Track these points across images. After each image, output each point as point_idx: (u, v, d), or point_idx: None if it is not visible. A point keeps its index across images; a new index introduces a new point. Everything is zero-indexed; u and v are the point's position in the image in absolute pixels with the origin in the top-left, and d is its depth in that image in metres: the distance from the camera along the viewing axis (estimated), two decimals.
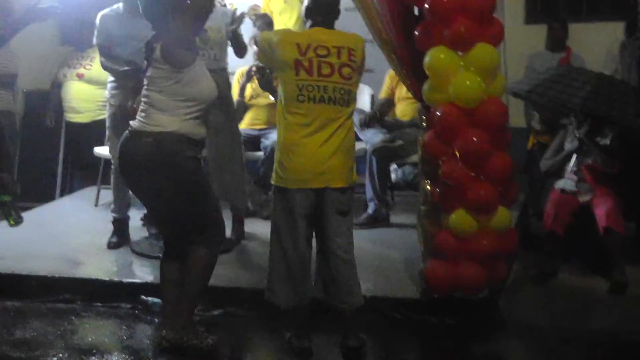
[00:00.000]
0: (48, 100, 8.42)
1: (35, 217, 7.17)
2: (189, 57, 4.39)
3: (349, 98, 4.41)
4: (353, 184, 4.57)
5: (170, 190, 4.42)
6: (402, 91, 6.81)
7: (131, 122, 4.50)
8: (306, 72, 4.35)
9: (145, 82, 4.47)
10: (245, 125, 7.19)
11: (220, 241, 4.69)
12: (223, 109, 5.91)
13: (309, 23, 4.55)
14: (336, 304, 4.53)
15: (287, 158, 4.40)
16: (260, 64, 4.87)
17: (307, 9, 4.56)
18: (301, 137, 4.37)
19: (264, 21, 6.89)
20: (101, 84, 6.98)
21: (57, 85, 7.98)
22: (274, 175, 4.52)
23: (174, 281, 4.61)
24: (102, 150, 6.93)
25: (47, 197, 8.05)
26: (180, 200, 4.45)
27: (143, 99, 4.47)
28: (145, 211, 6.15)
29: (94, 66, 7.52)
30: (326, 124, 4.37)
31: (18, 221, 4.37)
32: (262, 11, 7.88)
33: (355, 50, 4.44)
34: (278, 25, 7.16)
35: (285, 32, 4.56)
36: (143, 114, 4.44)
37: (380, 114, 6.85)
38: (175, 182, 4.41)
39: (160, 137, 4.36)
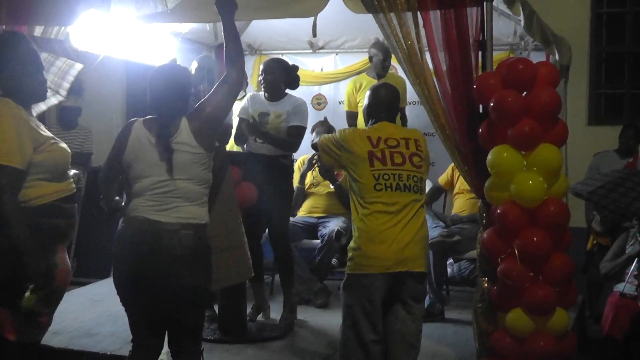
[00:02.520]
0: None
1: (91, 293, 7.24)
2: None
3: (421, 185, 4.61)
4: (428, 272, 4.71)
5: (196, 287, 4.08)
6: (461, 185, 6.82)
7: (144, 214, 4.02)
8: (380, 162, 4.52)
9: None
10: (303, 212, 7.25)
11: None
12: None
13: (371, 122, 4.76)
14: None
15: (369, 245, 4.48)
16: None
17: (369, 107, 4.78)
18: (382, 224, 4.48)
19: (324, 127, 6.86)
20: None
21: None
22: (350, 264, 4.56)
23: None
24: None
25: (103, 274, 8.11)
26: (198, 299, 4.15)
27: (161, 189, 4.02)
28: None
29: None
30: (404, 210, 4.52)
31: (27, 306, 4.13)
32: (346, 100, 7.96)
33: (420, 142, 4.69)
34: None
35: (353, 129, 4.83)
36: (165, 207, 4.00)
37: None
38: (205, 278, 4.14)
39: (199, 230, 4.04)
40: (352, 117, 7.74)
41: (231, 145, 7.10)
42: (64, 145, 4.30)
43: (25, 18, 5.22)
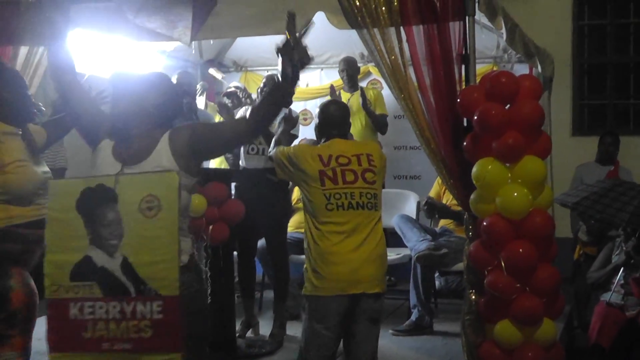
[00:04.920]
0: None
1: None
2: None
3: (376, 202, 4.52)
4: (385, 291, 4.62)
5: None
6: (448, 198, 6.84)
7: None
8: (331, 181, 4.44)
9: None
10: (291, 228, 7.23)
11: None
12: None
13: (323, 140, 4.70)
14: None
15: (322, 266, 4.40)
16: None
17: (319, 125, 4.75)
18: (335, 244, 4.41)
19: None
20: None
21: None
22: (306, 286, 4.50)
23: None
24: None
25: None
26: None
27: None
28: None
29: None
30: (357, 229, 4.44)
31: None
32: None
33: (374, 155, 4.60)
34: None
35: (305, 146, 4.73)
36: None
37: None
38: None
39: None
40: None
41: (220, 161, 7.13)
42: (36, 169, 4.27)
43: (10, 38, 5.23)
